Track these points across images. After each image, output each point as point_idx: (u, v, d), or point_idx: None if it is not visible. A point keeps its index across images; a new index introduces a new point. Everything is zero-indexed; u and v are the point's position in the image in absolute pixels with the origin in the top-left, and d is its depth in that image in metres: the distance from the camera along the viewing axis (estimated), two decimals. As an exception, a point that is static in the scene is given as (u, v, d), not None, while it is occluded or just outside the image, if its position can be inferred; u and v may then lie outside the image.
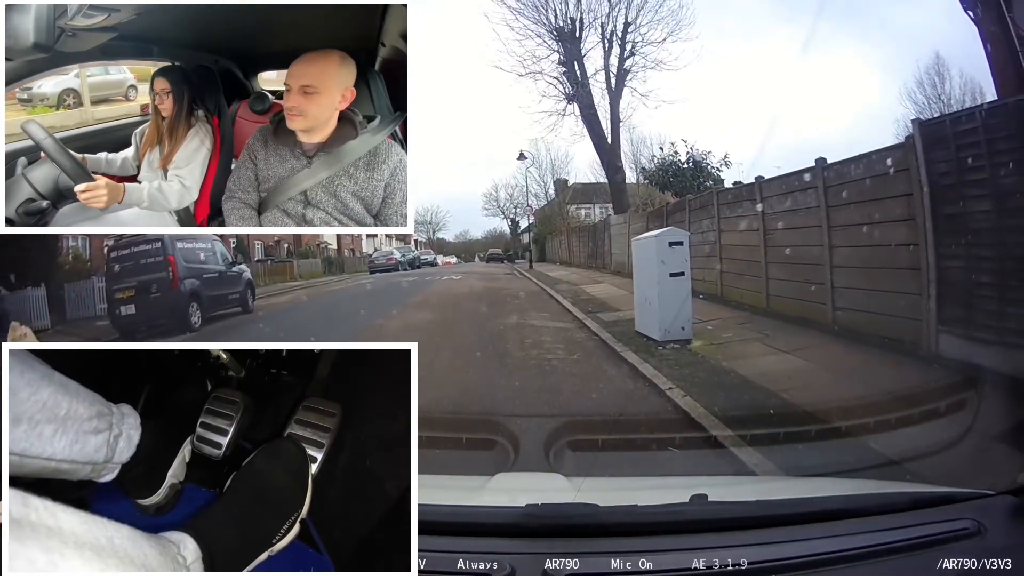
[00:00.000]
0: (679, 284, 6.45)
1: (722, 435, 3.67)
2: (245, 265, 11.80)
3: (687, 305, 6.44)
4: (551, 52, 16.17)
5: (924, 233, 5.25)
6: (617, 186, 16.66)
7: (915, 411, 3.43)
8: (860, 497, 1.86)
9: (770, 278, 7.76)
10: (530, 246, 23.47)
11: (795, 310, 7.12)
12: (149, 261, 9.02)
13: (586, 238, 18.89)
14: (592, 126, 16.21)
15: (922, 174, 5.28)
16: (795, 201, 7.34)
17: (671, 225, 8.69)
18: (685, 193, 13.11)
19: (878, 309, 5.80)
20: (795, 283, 7.22)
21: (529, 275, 16.49)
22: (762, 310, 7.72)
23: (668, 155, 15.14)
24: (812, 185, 6.90)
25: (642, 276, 7.03)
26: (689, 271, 6.59)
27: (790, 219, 7.43)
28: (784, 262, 7.45)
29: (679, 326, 6.31)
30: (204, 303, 9.42)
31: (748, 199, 8.43)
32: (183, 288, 9.15)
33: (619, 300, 9.69)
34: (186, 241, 9.42)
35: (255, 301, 11.24)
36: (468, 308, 10.05)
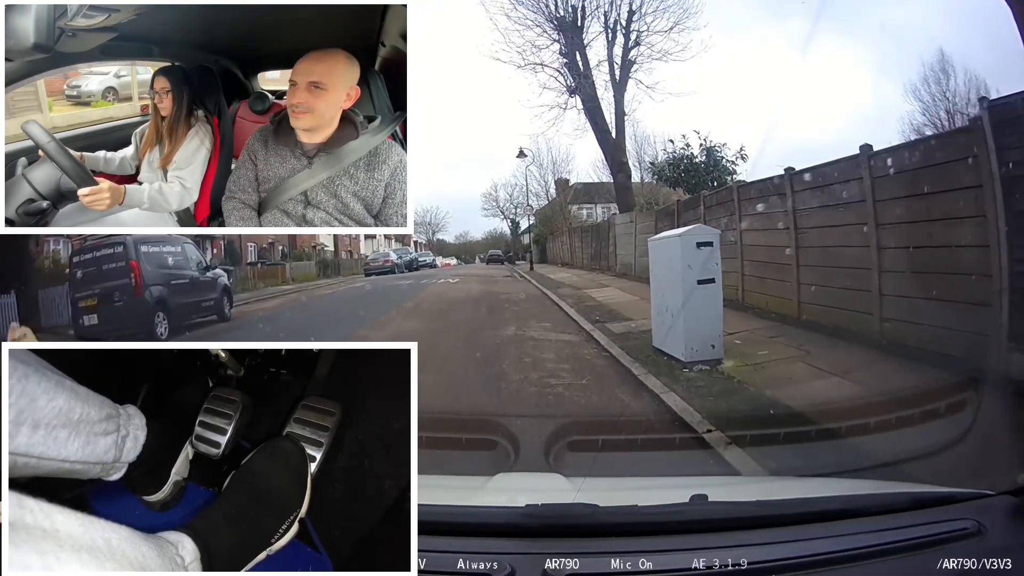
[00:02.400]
0: (709, 293, 5.40)
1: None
2: (222, 269, 11.05)
3: (718, 319, 5.42)
4: (552, 42, 15.45)
5: (996, 233, 4.41)
6: (622, 183, 15.98)
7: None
8: (860, 497, 1.86)
9: (802, 283, 6.74)
10: (530, 247, 23.31)
11: (833, 319, 6.14)
12: (111, 267, 8.27)
13: (589, 239, 18.35)
14: (595, 120, 15.40)
15: (993, 163, 4.44)
16: (834, 195, 6.33)
17: (683, 224, 7.75)
18: (698, 189, 12.24)
19: (936, 321, 4.84)
20: (834, 289, 6.21)
21: (529, 277, 15.92)
22: (792, 319, 6.72)
23: (680, 148, 13.97)
24: (855, 176, 5.91)
25: (662, 283, 5.98)
26: (720, 277, 5.54)
27: (828, 216, 6.40)
28: (820, 265, 6.50)
29: (708, 343, 5.32)
30: (172, 311, 8.68)
31: (776, 193, 7.35)
32: (147, 296, 8.40)
33: (629, 307, 8.74)
34: (152, 244, 8.73)
35: (233, 308, 10.53)
36: (462, 316, 9.09)
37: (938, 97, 14.97)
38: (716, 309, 5.43)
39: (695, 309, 5.32)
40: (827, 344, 5.65)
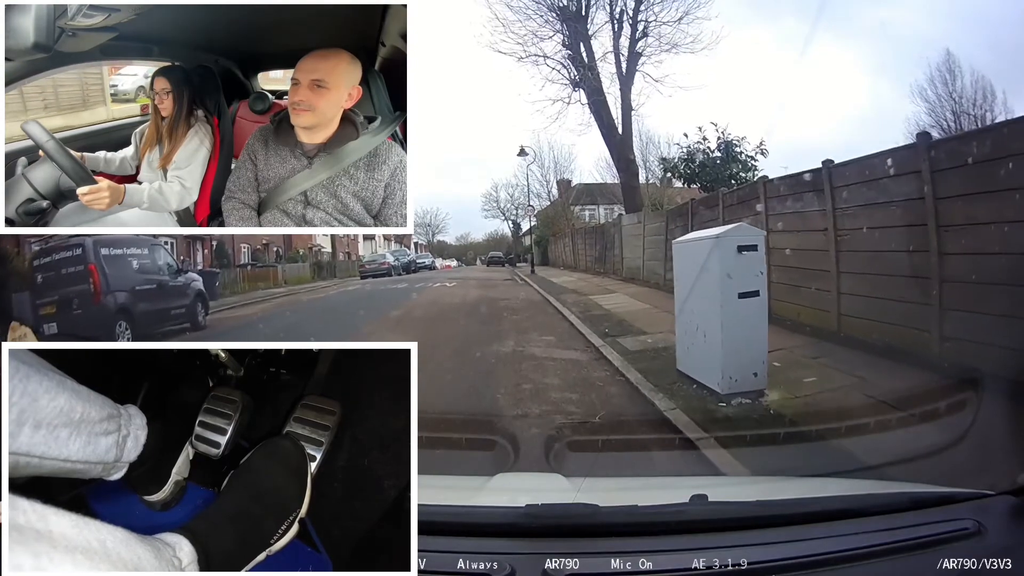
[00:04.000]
0: (752, 309, 4.47)
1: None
2: (197, 273, 10.31)
3: (762, 341, 4.51)
4: (554, 33, 14.53)
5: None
6: (629, 181, 15.07)
7: None
8: (860, 497, 1.86)
9: (843, 292, 5.93)
10: (531, 249, 23.09)
11: (881, 335, 5.27)
12: (70, 271, 7.60)
13: (593, 240, 17.50)
14: (600, 115, 14.52)
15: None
16: (885, 191, 5.46)
17: (698, 226, 7.01)
18: (716, 186, 11.24)
19: (1012, 343, 4.01)
20: (882, 300, 5.39)
21: (530, 281, 15.23)
22: (830, 333, 5.89)
23: (696, 142, 12.89)
24: (911, 169, 5.05)
25: (690, 294, 4.97)
26: (766, 289, 4.62)
27: (877, 215, 5.54)
28: (865, 272, 5.64)
29: (750, 371, 4.41)
30: (136, 319, 7.89)
31: (811, 190, 6.50)
32: (107, 302, 7.69)
33: (641, 317, 7.89)
34: (114, 246, 8.02)
35: (209, 315, 9.79)
36: (453, 329, 8.04)
37: (945, 98, 14.78)
38: (760, 329, 4.50)
39: (735, 328, 4.40)
40: (880, 367, 4.73)
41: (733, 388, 4.36)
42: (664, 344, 5.85)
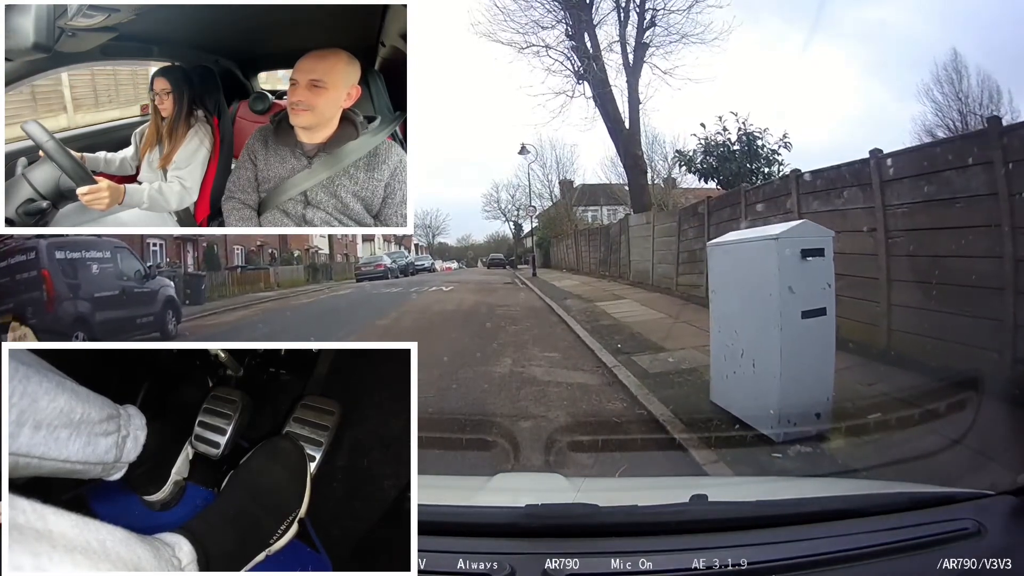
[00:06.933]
0: (817, 332, 3.55)
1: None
2: (167, 278, 9.55)
3: (828, 373, 3.60)
4: (557, 22, 13.87)
5: None
6: (636, 179, 14.25)
7: None
8: (860, 497, 1.86)
9: (894, 304, 5.16)
10: (533, 250, 22.84)
11: (940, 356, 4.45)
12: (23, 277, 6.90)
13: (597, 242, 16.83)
14: (606, 108, 13.79)
15: None
16: (946, 186, 4.63)
17: (716, 228, 6.24)
18: (737, 182, 10.31)
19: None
20: (942, 314, 4.57)
21: (532, 285, 14.52)
22: (879, 352, 5.08)
23: (715, 133, 11.82)
24: (982, 160, 4.23)
25: (733, 311, 4.04)
26: (834, 306, 3.66)
27: (938, 215, 4.72)
28: (923, 281, 4.81)
29: (812, 411, 3.48)
30: (95, 329, 7.18)
31: (855, 184, 5.66)
32: (62, 310, 6.99)
33: (656, 329, 7.01)
34: (71, 250, 7.29)
35: (181, 324, 9.15)
36: (444, 340, 7.17)
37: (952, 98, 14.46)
38: (827, 359, 3.59)
39: (797, 357, 3.48)
40: (942, 395, 3.68)
41: (791, 433, 3.42)
42: (688, 365, 5.14)
